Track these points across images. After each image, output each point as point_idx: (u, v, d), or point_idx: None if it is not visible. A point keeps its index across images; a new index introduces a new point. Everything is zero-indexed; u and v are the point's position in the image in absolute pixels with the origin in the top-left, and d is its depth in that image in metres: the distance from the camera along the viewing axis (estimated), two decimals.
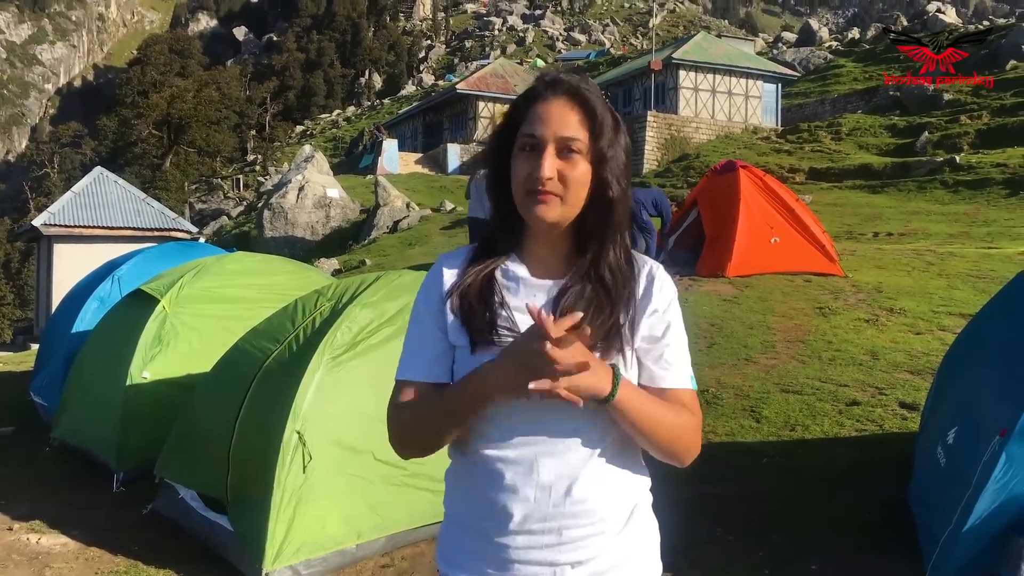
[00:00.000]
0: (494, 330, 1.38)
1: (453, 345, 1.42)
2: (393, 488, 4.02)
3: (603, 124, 1.39)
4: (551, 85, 1.42)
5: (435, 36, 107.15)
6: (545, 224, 1.39)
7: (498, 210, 1.47)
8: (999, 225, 14.75)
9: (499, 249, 1.46)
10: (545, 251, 1.45)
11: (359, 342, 4.11)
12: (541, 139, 1.37)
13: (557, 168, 1.37)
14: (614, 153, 1.40)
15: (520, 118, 1.42)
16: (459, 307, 1.42)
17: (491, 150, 1.48)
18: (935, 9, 50.21)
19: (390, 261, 15.45)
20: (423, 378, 1.43)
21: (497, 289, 1.42)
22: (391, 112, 62.04)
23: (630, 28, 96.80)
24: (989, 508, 2.99)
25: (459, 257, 1.50)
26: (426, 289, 1.48)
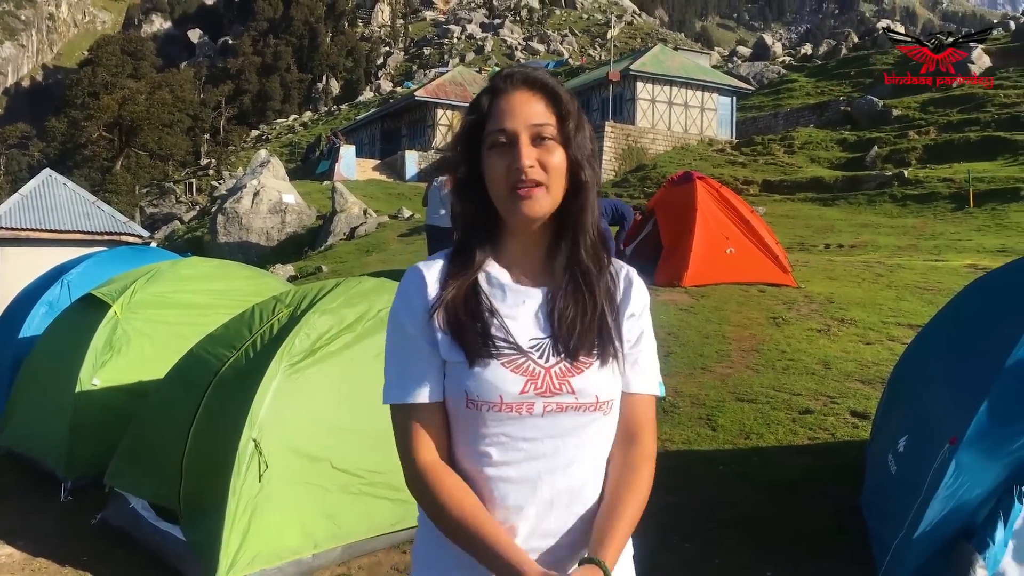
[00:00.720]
0: (489, 341, 1.34)
1: (447, 360, 1.37)
2: (351, 497, 3.99)
3: (568, 107, 1.39)
4: (508, 78, 1.41)
5: (394, 43, 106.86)
6: (534, 221, 1.37)
7: (471, 213, 1.43)
8: (946, 238, 15.13)
9: (476, 254, 1.41)
10: (522, 250, 1.43)
11: (318, 349, 4.07)
12: (512, 132, 1.35)
13: (535, 157, 1.35)
14: (582, 137, 1.40)
15: (484, 117, 1.39)
16: (447, 321, 1.36)
17: (458, 154, 1.43)
18: (885, 27, 51.44)
19: (347, 268, 15.34)
20: (427, 399, 1.37)
21: (484, 298, 1.38)
22: (349, 118, 61.66)
23: (588, 39, 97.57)
24: (939, 515, 3.05)
25: (436, 266, 1.43)
26: (408, 304, 1.41)
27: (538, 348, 1.36)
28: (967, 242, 14.32)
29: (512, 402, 1.33)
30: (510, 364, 1.34)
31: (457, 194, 1.45)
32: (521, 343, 1.36)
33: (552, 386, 1.34)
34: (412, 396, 1.37)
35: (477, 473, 1.36)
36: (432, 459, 1.37)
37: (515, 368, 1.34)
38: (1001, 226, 15.74)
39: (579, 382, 1.36)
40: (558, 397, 1.35)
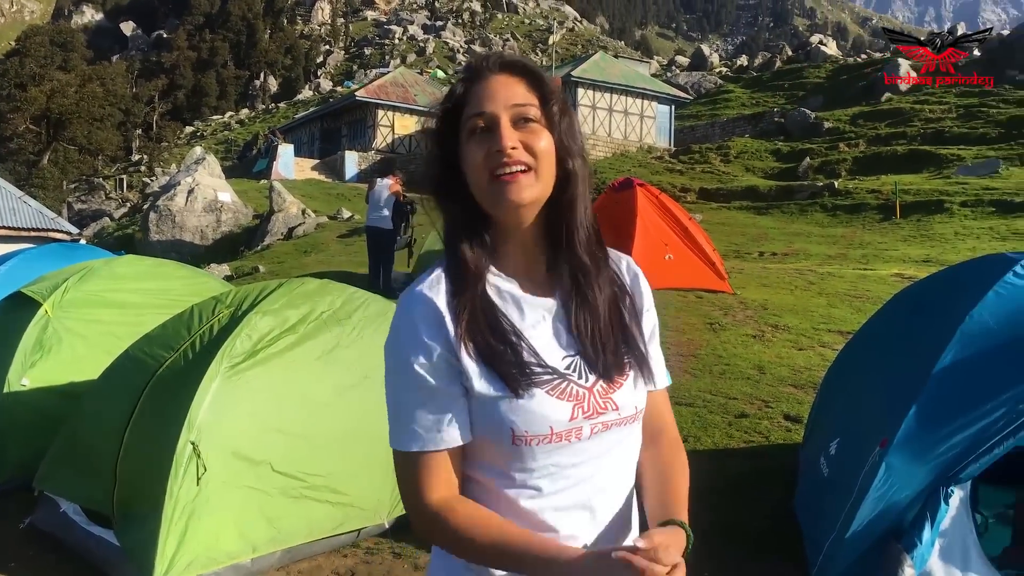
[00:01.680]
0: (527, 368, 1.21)
1: (481, 394, 1.21)
2: (291, 500, 3.94)
3: (552, 89, 1.28)
4: (484, 60, 1.29)
5: (334, 41, 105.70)
6: (521, 208, 1.23)
7: (461, 216, 1.28)
8: (873, 248, 15.62)
9: (473, 263, 1.26)
10: (521, 253, 1.30)
11: (259, 350, 4.02)
12: (492, 114, 1.23)
13: (519, 139, 1.22)
14: (568, 122, 1.28)
15: (460, 104, 1.27)
16: (478, 351, 1.21)
17: (433, 149, 1.30)
18: (817, 41, 52.90)
19: (285, 268, 15.12)
20: (454, 442, 1.23)
21: (503, 317, 1.24)
22: (287, 116, 60.77)
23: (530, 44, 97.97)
24: (870, 515, 3.16)
25: (436, 287, 1.26)
26: (416, 338, 1.23)
27: (573, 367, 1.26)
28: (893, 252, 14.80)
29: (562, 431, 1.22)
30: (555, 391, 1.22)
31: (437, 196, 1.30)
32: (555, 364, 1.25)
33: (598, 406, 1.25)
34: (433, 443, 1.22)
35: (530, 508, 1.24)
36: (443, 496, 1.23)
37: (560, 394, 1.23)
38: (925, 237, 16.31)
39: (621, 396, 1.27)
40: (604, 416, 1.26)
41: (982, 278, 3.60)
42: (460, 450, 1.25)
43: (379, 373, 4.35)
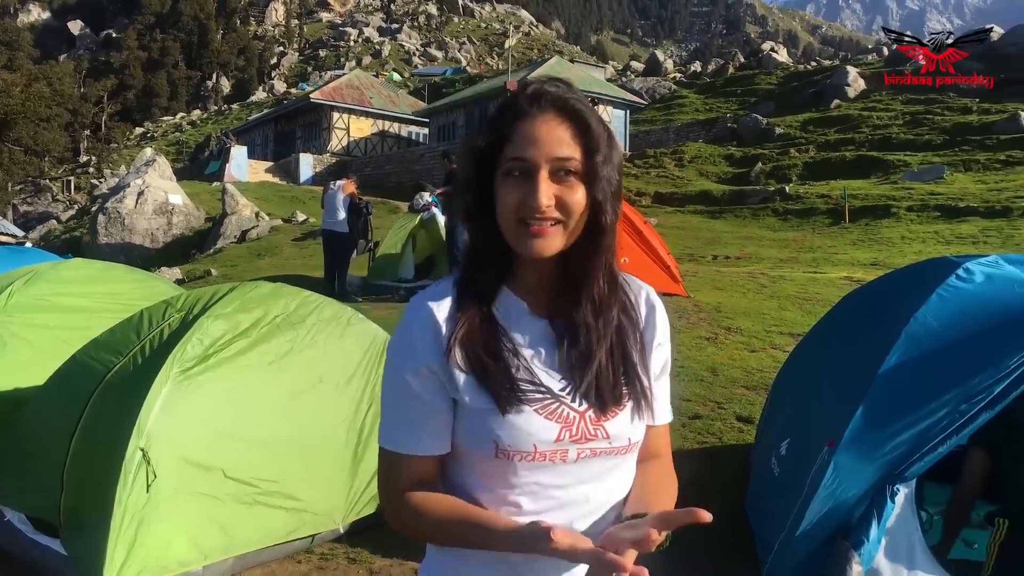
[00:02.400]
0: (518, 385, 1.23)
1: (469, 406, 1.24)
2: (244, 506, 3.88)
3: (598, 139, 1.24)
4: (535, 99, 1.25)
5: (288, 43, 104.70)
6: (543, 257, 1.23)
7: (481, 240, 1.29)
8: (823, 251, 15.91)
9: (487, 284, 1.29)
10: (538, 280, 1.30)
11: (211, 355, 3.96)
12: (533, 162, 1.21)
13: (554, 193, 1.21)
14: (608, 172, 1.25)
15: (502, 138, 1.24)
16: (467, 362, 1.23)
17: (470, 176, 1.29)
18: (769, 48, 53.77)
19: (238, 272, 14.93)
20: (426, 452, 1.27)
21: (503, 335, 1.26)
22: (240, 118, 60.05)
23: (486, 48, 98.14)
24: (819, 514, 3.22)
25: (442, 298, 1.28)
26: (408, 343, 1.27)
27: (569, 391, 1.26)
28: (842, 255, 15.10)
29: (546, 451, 1.23)
30: (544, 410, 1.23)
31: (467, 220, 1.31)
32: (550, 385, 1.25)
33: (587, 432, 1.25)
34: (407, 448, 1.27)
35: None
36: (413, 489, 1.28)
37: (548, 414, 1.23)
38: (873, 241, 16.65)
39: (614, 427, 1.27)
40: (592, 443, 1.25)
41: (926, 281, 3.69)
42: (439, 464, 1.29)
43: (334, 377, 4.33)
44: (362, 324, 4.75)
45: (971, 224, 16.47)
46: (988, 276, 3.59)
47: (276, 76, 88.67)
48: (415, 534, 1.29)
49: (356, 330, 4.66)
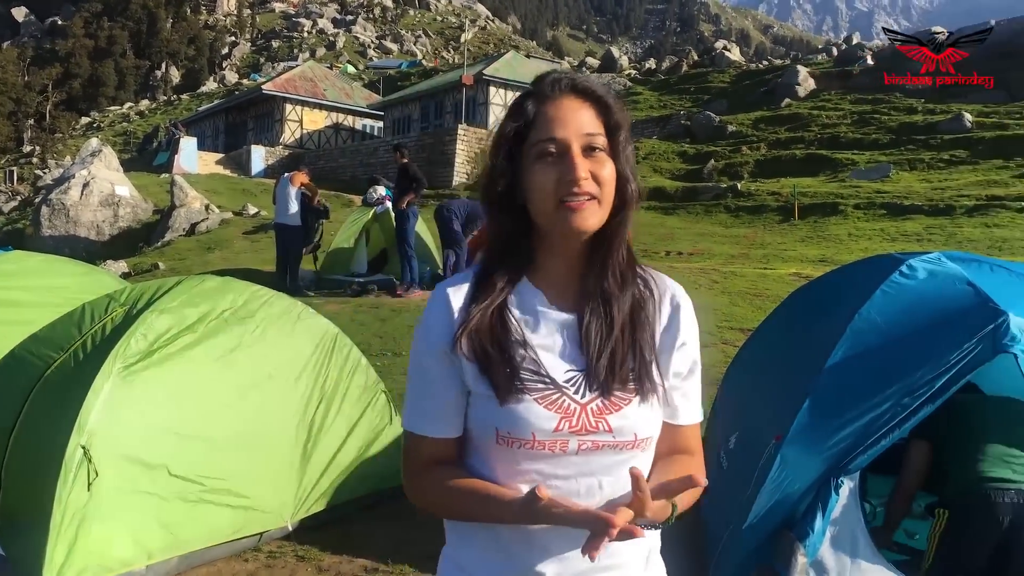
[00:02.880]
0: (519, 375, 1.25)
1: (469, 391, 1.29)
2: (189, 505, 3.81)
3: (617, 117, 1.29)
4: (555, 83, 1.30)
5: (240, 33, 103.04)
6: (583, 235, 1.26)
7: (505, 229, 1.31)
8: (773, 248, 16.15)
9: (506, 274, 1.31)
10: (560, 269, 1.32)
11: (156, 350, 3.87)
12: (563, 141, 1.25)
13: (588, 168, 1.24)
14: (631, 149, 1.31)
15: (527, 124, 1.28)
16: (472, 351, 1.27)
17: (501, 165, 1.30)
18: (722, 47, 54.39)
19: (187, 266, 14.65)
20: (439, 434, 1.31)
21: (513, 325, 1.28)
22: (190, 108, 59.01)
23: (442, 41, 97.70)
24: (766, 507, 3.26)
25: (462, 286, 1.33)
26: (427, 328, 1.32)
27: (573, 382, 1.27)
28: (792, 252, 15.34)
29: (545, 440, 1.24)
30: (543, 400, 1.25)
31: (495, 208, 1.32)
32: (555, 376, 1.27)
33: (588, 424, 1.25)
34: (423, 429, 1.32)
35: None
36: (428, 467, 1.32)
37: (548, 404, 1.25)
38: (821, 238, 16.95)
39: (617, 420, 1.26)
40: (594, 435, 1.26)
41: (871, 277, 3.76)
42: (457, 446, 1.33)
43: (283, 373, 4.26)
44: (313, 319, 4.69)
45: (916, 222, 16.85)
46: (931, 273, 3.66)
47: (227, 66, 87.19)
48: (428, 508, 1.33)
49: (307, 325, 4.60)
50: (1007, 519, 3.37)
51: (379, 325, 8.93)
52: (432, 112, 36.36)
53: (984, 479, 3.43)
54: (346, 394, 4.56)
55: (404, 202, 11.18)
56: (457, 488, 1.28)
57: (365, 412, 4.64)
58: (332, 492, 4.33)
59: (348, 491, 4.41)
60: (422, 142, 32.47)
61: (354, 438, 4.51)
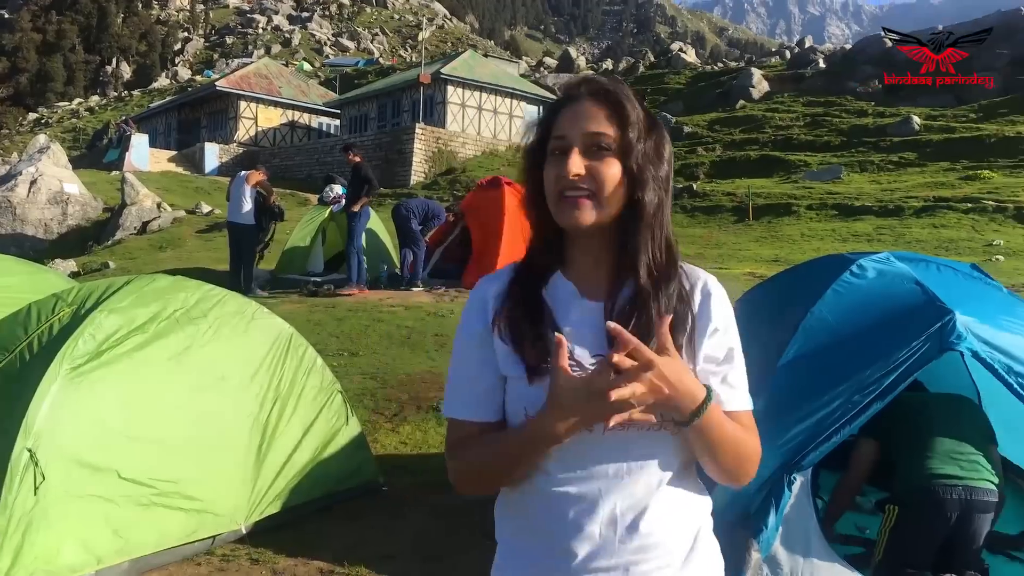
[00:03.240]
0: (549, 357, 1.26)
1: (504, 376, 1.34)
2: (140, 508, 3.74)
3: (630, 117, 1.32)
4: (578, 86, 1.37)
5: (193, 28, 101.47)
6: (580, 228, 1.31)
7: (538, 226, 1.40)
8: (728, 247, 16.36)
9: (542, 266, 1.39)
10: (589, 261, 1.38)
11: (104, 351, 3.79)
12: (568, 138, 1.31)
13: (586, 166, 1.29)
14: (644, 148, 1.32)
15: (549, 130, 1.36)
16: (508, 334, 1.34)
17: (526, 166, 1.40)
18: (678, 48, 54.93)
19: (138, 265, 14.38)
20: (473, 417, 1.36)
21: (547, 311, 1.34)
22: (142, 105, 57.95)
23: (399, 40, 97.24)
24: (720, 504, 3.27)
25: (500, 279, 1.41)
26: (468, 316, 1.40)
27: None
28: (746, 252, 15.55)
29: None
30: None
31: (526, 207, 1.42)
32: (582, 359, 1.31)
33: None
34: (457, 413, 1.39)
35: (539, 487, 1.32)
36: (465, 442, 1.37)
37: None
38: (775, 238, 17.22)
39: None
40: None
41: (823, 277, 3.82)
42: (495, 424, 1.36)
43: (237, 373, 4.20)
44: (267, 319, 4.63)
45: (866, 223, 17.19)
46: (880, 272, 3.74)
47: (180, 62, 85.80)
48: (461, 484, 1.39)
49: (261, 325, 4.54)
50: (954, 515, 3.45)
51: (335, 325, 8.85)
52: (389, 111, 36.14)
53: (932, 476, 3.51)
54: (301, 395, 4.51)
55: (358, 205, 11.07)
56: (482, 442, 1.35)
57: (321, 413, 4.59)
58: (287, 494, 4.28)
59: (303, 493, 4.36)
60: (379, 141, 32.28)
61: (309, 439, 4.47)
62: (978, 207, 16.60)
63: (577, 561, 1.29)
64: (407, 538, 4.23)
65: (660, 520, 1.30)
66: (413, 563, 3.94)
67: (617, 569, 1.29)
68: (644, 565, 1.29)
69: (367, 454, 4.88)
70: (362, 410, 6.05)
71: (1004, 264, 12.57)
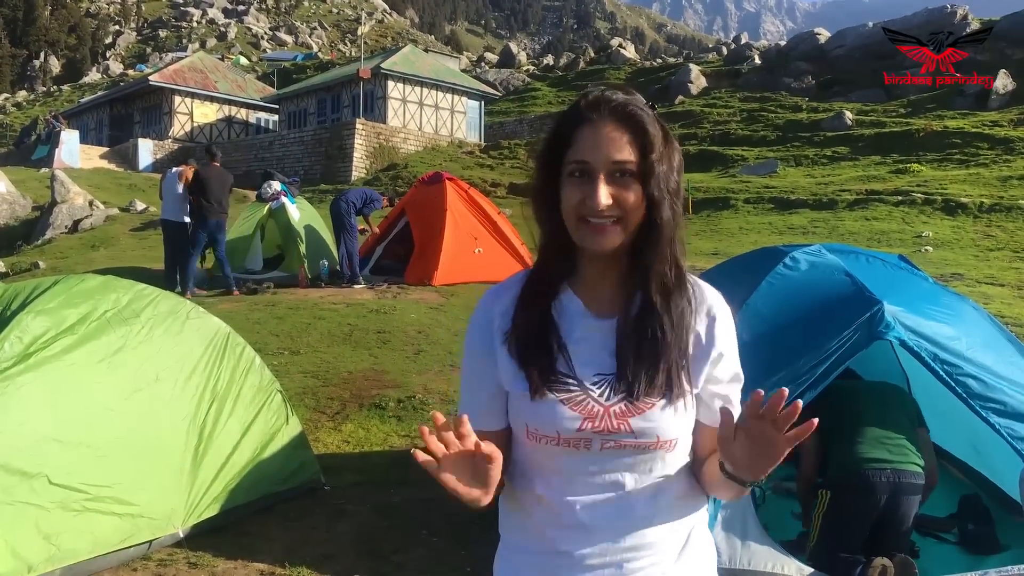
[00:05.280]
0: (552, 376, 1.34)
1: (510, 390, 1.38)
2: (72, 514, 3.63)
3: (654, 142, 1.32)
4: (596, 106, 1.34)
5: (125, 22, 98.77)
6: (604, 252, 1.33)
7: (549, 238, 1.40)
8: None
9: (552, 279, 1.40)
10: (599, 276, 1.39)
11: (32, 353, 3.67)
12: (592, 165, 1.30)
13: (611, 194, 1.30)
14: (664, 169, 1.33)
15: (564, 143, 1.35)
16: (517, 351, 1.37)
17: (537, 179, 1.40)
18: (617, 44, 55.34)
19: (69, 264, 13.96)
20: (478, 427, 1.34)
21: (554, 328, 1.37)
22: (72, 100, 56.21)
23: (339, 34, 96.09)
24: None
25: (509, 291, 1.43)
26: (477, 327, 1.44)
27: (600, 385, 1.34)
28: (687, 246, 15.72)
29: (569, 437, 1.33)
30: (569, 401, 1.33)
31: (537, 219, 1.42)
32: (584, 378, 1.34)
33: (610, 425, 1.33)
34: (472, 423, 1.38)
35: (538, 492, 1.38)
36: None
37: (573, 405, 1.33)
38: (715, 231, 17.48)
39: (639, 423, 1.33)
40: (616, 436, 1.33)
41: (757, 269, 3.90)
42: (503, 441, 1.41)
43: (171, 374, 4.10)
44: (203, 318, 4.54)
45: (801, 216, 17.56)
46: (812, 264, 3.83)
47: (112, 56, 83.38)
48: None
49: (196, 324, 4.45)
50: (883, 497, 3.56)
51: (276, 323, 8.72)
52: (329, 106, 35.69)
53: (862, 460, 3.61)
54: (239, 395, 4.43)
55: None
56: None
57: (260, 413, 4.52)
58: (226, 496, 4.21)
59: (243, 494, 4.29)
60: (319, 136, 31.88)
61: (248, 440, 4.40)
62: (908, 200, 17.09)
63: (573, 559, 1.36)
64: (349, 537, 4.19)
65: (655, 521, 1.37)
66: (356, 562, 3.91)
67: (611, 566, 1.35)
68: (637, 563, 1.36)
69: (308, 454, 4.83)
70: (303, 409, 5.98)
71: (933, 255, 12.98)
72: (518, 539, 1.45)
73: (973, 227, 15.02)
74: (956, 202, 16.42)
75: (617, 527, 1.35)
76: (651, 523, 1.36)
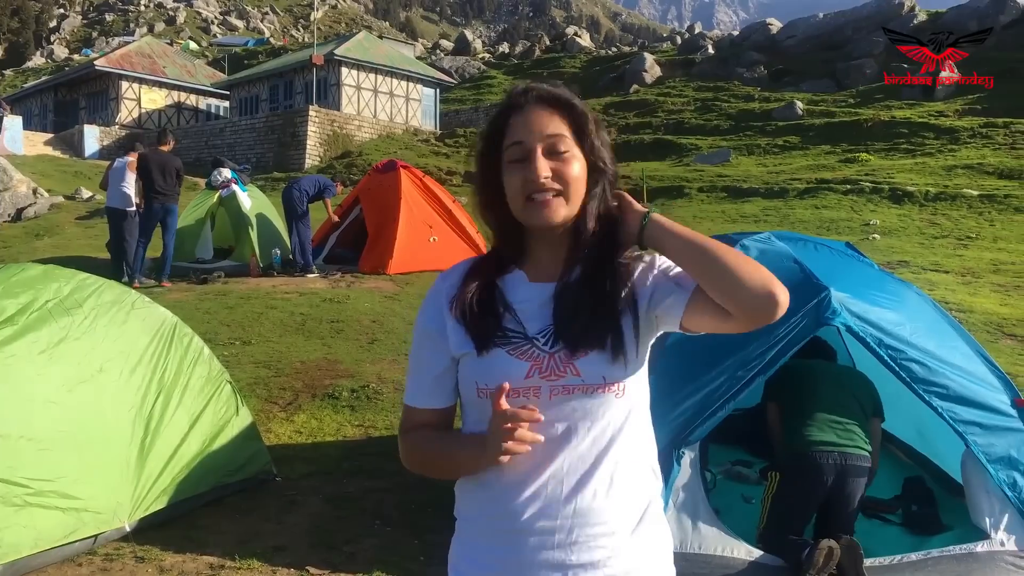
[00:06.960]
0: (498, 332, 1.41)
1: (455, 358, 1.44)
2: (13, 509, 3.54)
3: (582, 119, 1.44)
4: (524, 93, 1.46)
5: (70, 5, 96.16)
6: (552, 226, 1.41)
7: (497, 228, 1.50)
8: None
9: (501, 260, 1.49)
10: (547, 254, 1.47)
11: None
12: (527, 145, 1.40)
13: (551, 167, 1.39)
14: (600, 143, 1.45)
15: (500, 134, 1.44)
16: (461, 313, 1.43)
17: (479, 173, 1.50)
18: (572, 32, 55.45)
19: (12, 254, 13.60)
20: (425, 404, 1.50)
21: (500, 293, 1.45)
22: (15, 85, 54.63)
23: (291, 19, 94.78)
24: None
25: (456, 271, 1.52)
26: (423, 309, 1.51)
27: (544, 334, 1.41)
28: None
29: (519, 387, 1.37)
30: (515, 351, 1.40)
31: (482, 213, 1.52)
32: (529, 332, 1.41)
33: (556, 369, 1.39)
34: (412, 401, 1.52)
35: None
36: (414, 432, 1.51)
37: (520, 354, 1.40)
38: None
39: (584, 365, 1.39)
40: (563, 380, 1.38)
41: None
42: (446, 418, 1.51)
43: (114, 365, 4.02)
44: (148, 308, 4.45)
45: (754, 204, 17.79)
46: (761, 251, 3.87)
47: (56, 41, 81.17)
48: (414, 464, 1.53)
49: (142, 314, 4.36)
50: (831, 479, 3.63)
51: (226, 313, 8.58)
52: (281, 92, 35.18)
53: (811, 443, 3.68)
54: (187, 386, 4.35)
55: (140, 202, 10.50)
56: (433, 437, 1.49)
57: (209, 404, 4.44)
58: (174, 488, 4.13)
59: (191, 486, 4.22)
60: (271, 123, 31.42)
61: (197, 431, 4.32)
62: (856, 188, 17.39)
63: (523, 519, 1.38)
64: (301, 528, 4.15)
65: (602, 488, 1.39)
66: (308, 554, 3.87)
67: (561, 531, 1.37)
68: (587, 529, 1.37)
69: (259, 445, 4.76)
70: (255, 400, 5.90)
71: (880, 242, 13.23)
72: (474, 512, 1.47)
73: (919, 215, 15.34)
74: (903, 191, 16.76)
75: (567, 481, 1.38)
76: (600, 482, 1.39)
